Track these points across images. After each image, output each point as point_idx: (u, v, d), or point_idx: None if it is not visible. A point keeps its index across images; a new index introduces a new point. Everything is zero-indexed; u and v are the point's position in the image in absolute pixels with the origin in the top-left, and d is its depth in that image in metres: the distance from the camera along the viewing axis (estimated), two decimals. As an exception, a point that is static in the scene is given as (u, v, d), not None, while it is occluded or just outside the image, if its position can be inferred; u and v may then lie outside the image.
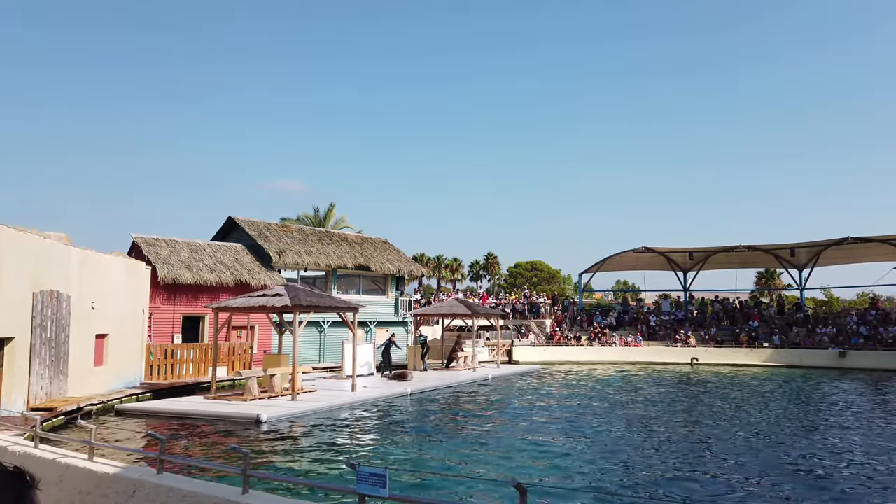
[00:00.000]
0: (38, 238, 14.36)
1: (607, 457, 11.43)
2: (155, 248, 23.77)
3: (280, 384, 18.19)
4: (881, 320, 36.08)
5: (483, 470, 10.28)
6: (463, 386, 22.96)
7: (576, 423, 15.09)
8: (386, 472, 4.73)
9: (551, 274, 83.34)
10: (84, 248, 16.55)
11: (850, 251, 40.13)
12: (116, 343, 17.76)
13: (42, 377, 13.99)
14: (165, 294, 22.87)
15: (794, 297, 44.32)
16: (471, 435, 13.58)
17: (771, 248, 41.74)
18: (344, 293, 29.95)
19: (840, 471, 10.49)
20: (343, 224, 49.06)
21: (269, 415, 14.55)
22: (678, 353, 35.86)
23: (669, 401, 19.73)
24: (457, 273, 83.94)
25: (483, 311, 31.68)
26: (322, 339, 28.26)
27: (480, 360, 30.70)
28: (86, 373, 16.10)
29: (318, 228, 36.70)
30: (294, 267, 27.89)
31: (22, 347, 13.39)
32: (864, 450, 12.18)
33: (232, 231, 29.46)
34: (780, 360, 33.79)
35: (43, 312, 14.04)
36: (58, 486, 6.63)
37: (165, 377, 19.83)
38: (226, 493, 5.58)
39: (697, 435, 13.76)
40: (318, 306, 18.74)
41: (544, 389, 22.73)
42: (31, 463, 6.92)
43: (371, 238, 34.53)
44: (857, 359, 32.35)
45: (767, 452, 11.83)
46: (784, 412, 17.34)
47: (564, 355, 36.06)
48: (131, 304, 18.80)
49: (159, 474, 6.13)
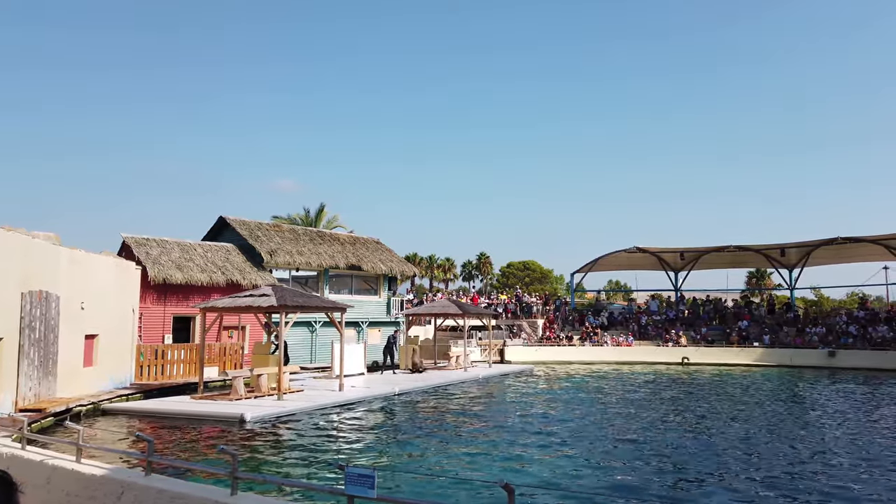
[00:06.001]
0: (27, 238, 14.26)
1: (596, 457, 11.48)
2: (145, 247, 23.66)
3: (267, 384, 18.17)
4: (870, 320, 36.36)
5: (471, 470, 10.31)
6: (453, 386, 22.98)
7: (565, 423, 15.14)
8: (374, 472, 4.73)
9: (543, 274, 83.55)
10: (73, 248, 16.45)
11: (840, 251, 40.45)
12: (106, 343, 17.66)
13: (30, 378, 13.91)
14: (156, 294, 22.77)
15: (785, 297, 44.61)
16: (459, 435, 13.60)
17: (761, 248, 42.00)
18: (336, 293, 29.91)
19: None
20: (335, 224, 48.96)
21: (254, 414, 14.56)
22: (669, 353, 36.03)
23: (658, 399, 19.83)
24: (449, 273, 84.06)
25: (474, 310, 31.72)
26: (313, 339, 28.21)
27: (472, 359, 30.72)
28: (75, 373, 16.00)
29: (309, 228, 36.61)
30: (285, 267, 27.83)
31: (10, 348, 13.30)
32: (840, 450, 12.28)
33: (223, 231, 29.36)
34: (770, 359, 34.01)
35: (32, 313, 13.96)
36: (45, 487, 6.59)
37: (156, 378, 19.74)
38: (214, 495, 5.56)
39: (687, 434, 13.83)
40: (304, 306, 18.73)
41: (535, 389, 22.79)
42: (18, 465, 6.89)
43: (363, 238, 34.49)
44: (847, 358, 32.60)
45: (758, 451, 11.92)
46: (771, 412, 17.47)
47: (556, 355, 36.16)
48: (121, 305, 18.70)
49: (147, 476, 6.11)
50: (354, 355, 24.40)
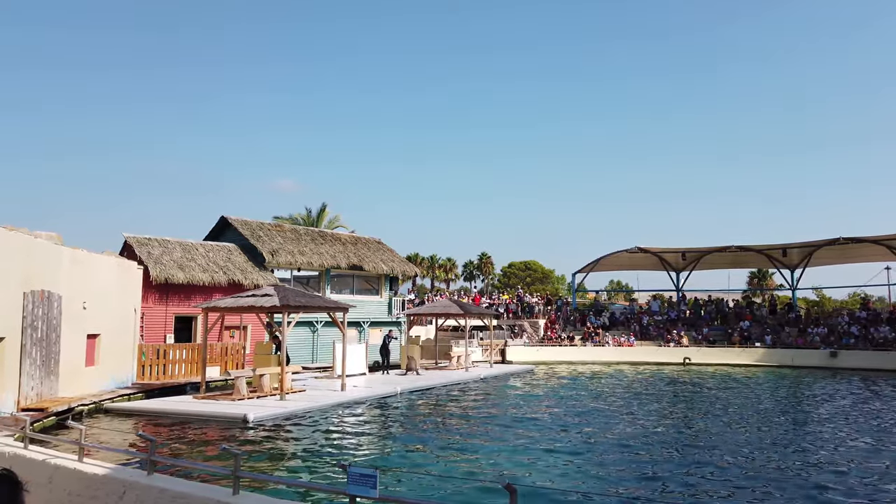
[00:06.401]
0: (29, 237, 14.28)
1: (597, 457, 11.46)
2: (147, 247, 23.68)
3: (269, 384, 18.17)
4: (872, 320, 36.32)
5: (473, 470, 10.30)
6: (454, 385, 22.99)
7: (567, 423, 15.13)
8: (376, 472, 4.74)
9: (545, 274, 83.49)
10: (75, 248, 16.48)
11: (842, 251, 40.40)
12: (108, 343, 17.68)
13: (33, 377, 13.93)
14: (157, 294, 22.79)
15: (786, 298, 44.56)
16: (461, 434, 13.60)
17: (763, 248, 41.95)
18: (337, 293, 29.91)
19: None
20: (336, 224, 48.95)
21: (256, 414, 14.55)
22: (671, 353, 36.01)
23: (659, 400, 19.80)
24: (450, 273, 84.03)
25: (476, 310, 31.72)
26: (315, 338, 28.22)
27: (474, 359, 30.71)
28: (77, 373, 16.02)
29: (311, 228, 36.60)
30: (287, 267, 27.84)
31: (12, 347, 13.33)
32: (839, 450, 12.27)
33: (225, 231, 29.37)
34: (771, 359, 33.98)
35: (34, 312, 13.98)
36: (47, 487, 6.60)
37: (157, 377, 19.76)
38: (216, 494, 5.56)
39: (686, 434, 13.82)
40: (307, 306, 18.73)
41: (536, 389, 22.77)
42: (20, 464, 6.90)
43: (364, 238, 34.48)
44: (848, 359, 32.56)
45: (755, 453, 11.91)
46: (768, 413, 17.45)
47: (558, 355, 36.15)
48: (123, 304, 18.72)
49: (149, 475, 6.11)
50: (356, 355, 24.40)
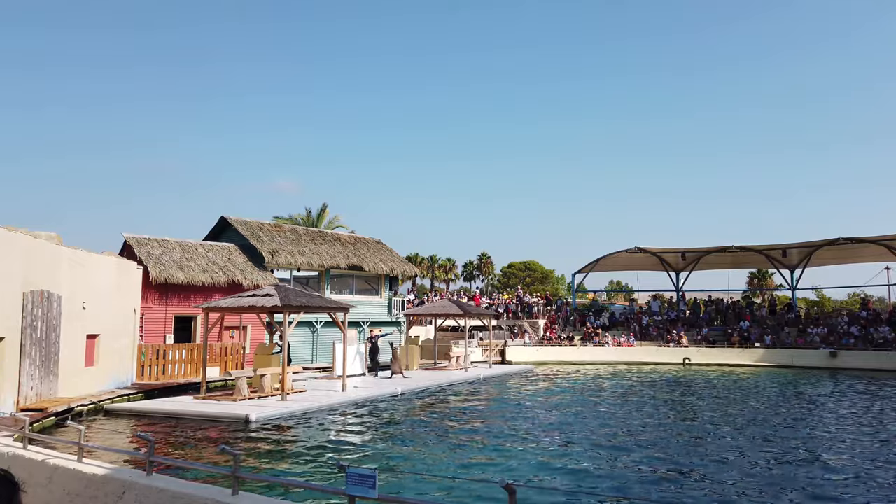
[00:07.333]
0: (29, 238, 14.28)
1: (597, 457, 11.47)
2: (146, 247, 23.67)
3: (270, 384, 18.16)
4: (872, 320, 36.32)
5: (472, 470, 10.30)
6: (454, 386, 22.99)
7: (565, 423, 15.14)
8: (375, 473, 4.73)
9: (545, 274, 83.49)
10: (75, 248, 16.47)
11: (842, 252, 40.40)
12: (108, 343, 17.68)
13: (32, 378, 13.92)
14: (157, 294, 22.79)
15: (786, 298, 44.54)
16: (460, 435, 13.59)
17: (763, 248, 41.95)
18: (337, 293, 29.91)
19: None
20: (336, 224, 48.99)
21: (258, 415, 14.55)
22: (670, 353, 36.00)
23: (659, 400, 19.80)
24: (450, 273, 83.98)
25: (475, 311, 31.71)
26: (315, 339, 28.23)
27: (473, 360, 30.71)
28: (76, 373, 16.02)
29: (311, 228, 36.60)
30: (287, 267, 27.84)
31: (12, 348, 13.33)
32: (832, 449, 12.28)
33: (224, 231, 29.38)
34: (771, 360, 33.97)
35: (33, 312, 13.98)
36: (46, 487, 6.59)
37: (157, 377, 19.76)
38: (216, 495, 5.56)
39: (686, 434, 13.82)
40: (307, 307, 18.72)
41: (536, 389, 22.77)
42: (20, 464, 6.89)
43: (364, 238, 34.49)
44: (848, 359, 32.55)
45: (751, 454, 11.91)
46: (765, 412, 17.46)
47: (557, 355, 36.14)
48: (123, 304, 18.72)
49: (149, 475, 6.11)
50: (356, 355, 24.38)
